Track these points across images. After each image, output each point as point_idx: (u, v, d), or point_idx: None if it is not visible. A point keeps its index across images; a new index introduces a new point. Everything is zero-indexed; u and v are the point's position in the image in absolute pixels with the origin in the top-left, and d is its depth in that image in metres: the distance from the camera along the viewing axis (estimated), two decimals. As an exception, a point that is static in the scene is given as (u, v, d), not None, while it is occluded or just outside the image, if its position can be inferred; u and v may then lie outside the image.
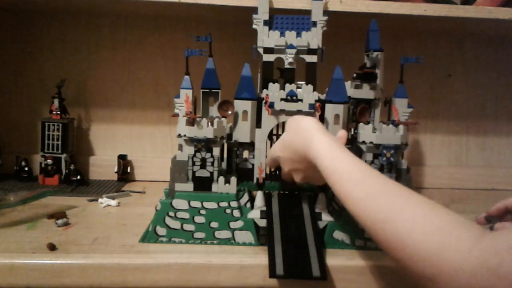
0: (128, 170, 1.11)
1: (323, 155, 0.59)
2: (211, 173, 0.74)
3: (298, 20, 0.80)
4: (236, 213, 0.72)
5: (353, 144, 0.80)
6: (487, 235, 0.40)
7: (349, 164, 0.56)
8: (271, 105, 0.76)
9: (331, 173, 0.56)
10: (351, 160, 0.57)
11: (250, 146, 0.79)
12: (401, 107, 0.80)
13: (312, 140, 0.61)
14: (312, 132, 0.63)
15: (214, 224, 0.71)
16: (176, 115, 0.76)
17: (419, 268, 0.43)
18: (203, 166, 0.74)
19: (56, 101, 1.05)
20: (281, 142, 0.69)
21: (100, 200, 0.91)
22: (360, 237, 0.72)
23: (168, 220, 0.71)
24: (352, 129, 0.80)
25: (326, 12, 0.82)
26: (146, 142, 1.15)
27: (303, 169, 0.67)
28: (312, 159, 0.60)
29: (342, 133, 0.70)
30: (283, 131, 0.81)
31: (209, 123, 0.73)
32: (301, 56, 0.78)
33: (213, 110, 0.80)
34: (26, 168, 1.05)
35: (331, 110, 0.76)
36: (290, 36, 0.77)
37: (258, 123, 0.78)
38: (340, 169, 0.56)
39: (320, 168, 0.59)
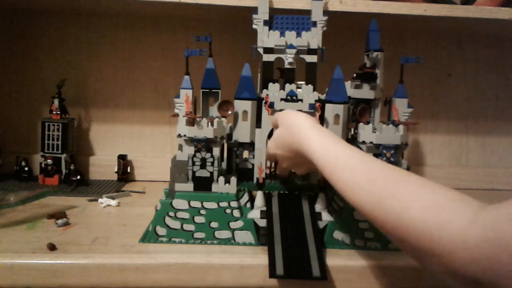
0: (128, 170, 1.12)
1: (315, 150, 0.59)
2: (211, 173, 0.74)
3: (298, 20, 0.80)
4: (236, 213, 0.72)
5: (353, 144, 0.80)
6: (487, 207, 0.39)
7: (343, 154, 0.56)
8: (271, 105, 0.76)
9: (326, 166, 0.56)
10: (344, 150, 0.57)
11: (250, 146, 0.79)
12: (401, 107, 0.80)
13: (304, 136, 0.62)
14: (302, 128, 0.63)
15: (214, 224, 0.71)
16: (176, 115, 0.76)
17: (420, 244, 0.42)
18: (203, 166, 0.74)
19: (56, 101, 1.05)
20: (275, 140, 0.69)
21: (100, 200, 0.91)
22: (360, 237, 0.72)
23: (168, 220, 0.71)
24: (352, 129, 0.80)
25: (326, 12, 0.82)
26: (146, 142, 1.15)
27: (302, 163, 0.67)
28: (307, 155, 0.60)
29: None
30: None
31: (209, 123, 0.73)
32: (301, 56, 0.78)
33: (213, 110, 0.80)
34: (26, 168, 1.05)
35: (331, 110, 0.76)
36: (290, 36, 0.77)
37: (258, 123, 0.78)
38: (334, 160, 0.56)
39: (315, 162, 0.59)
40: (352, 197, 0.52)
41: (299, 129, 0.63)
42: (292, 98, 0.76)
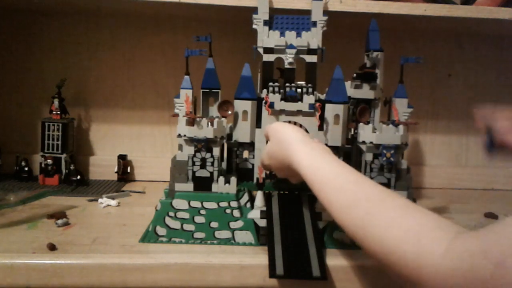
0: (128, 170, 1.11)
1: (304, 167, 0.59)
2: (211, 173, 0.74)
3: (298, 20, 0.80)
4: (236, 213, 0.72)
5: (353, 144, 0.80)
6: (462, 237, 0.40)
7: (330, 171, 0.56)
8: (271, 105, 0.76)
9: (314, 183, 0.57)
10: (331, 167, 0.57)
11: (250, 146, 0.79)
12: (401, 107, 0.80)
13: (293, 152, 0.61)
14: (292, 143, 0.63)
15: (214, 224, 0.71)
16: (176, 115, 0.76)
17: (399, 270, 0.44)
18: (203, 166, 0.74)
19: (56, 101, 1.05)
20: (267, 152, 0.69)
21: (100, 200, 0.91)
22: (360, 237, 0.71)
23: (168, 220, 0.71)
24: (352, 129, 0.80)
25: (326, 12, 0.82)
26: (146, 142, 1.15)
27: (295, 174, 0.67)
28: (297, 170, 0.61)
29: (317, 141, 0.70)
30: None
31: (209, 123, 0.73)
32: (301, 56, 0.78)
33: (213, 110, 0.80)
34: (26, 168, 1.05)
35: (331, 110, 0.76)
36: (290, 36, 0.77)
37: (258, 123, 0.78)
38: (320, 179, 0.56)
39: (304, 178, 0.59)
40: (336, 217, 0.53)
41: (289, 144, 0.63)
42: (292, 98, 0.76)
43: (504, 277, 0.34)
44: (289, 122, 0.79)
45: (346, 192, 0.52)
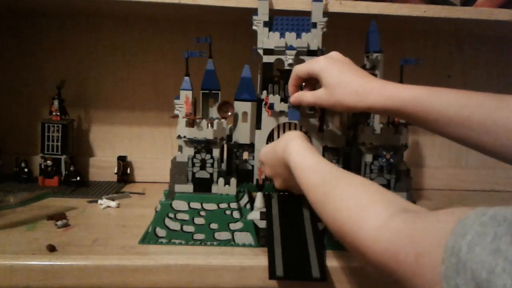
0: (128, 171, 1.11)
1: (293, 153, 0.64)
2: (211, 174, 0.74)
3: (298, 21, 0.81)
4: (236, 214, 0.72)
5: (353, 145, 0.80)
6: (399, 216, 0.41)
7: (312, 161, 0.62)
8: (271, 107, 0.76)
9: (297, 167, 0.62)
10: (315, 158, 0.62)
11: (250, 147, 0.79)
12: (401, 109, 0.80)
13: (290, 142, 0.67)
14: (291, 136, 0.69)
15: (214, 226, 0.71)
16: (176, 116, 0.76)
17: (349, 244, 0.47)
18: (203, 167, 0.74)
19: (56, 102, 1.05)
20: (268, 147, 0.74)
21: (100, 201, 0.91)
22: (360, 239, 0.71)
23: (167, 221, 0.71)
24: (352, 131, 0.80)
25: (326, 13, 0.82)
26: (146, 143, 1.15)
27: (282, 174, 0.71)
28: (286, 159, 0.65)
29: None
30: (284, 132, 0.81)
31: (209, 124, 0.73)
32: (301, 57, 0.78)
33: (213, 111, 0.80)
34: (26, 170, 1.05)
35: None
36: (290, 37, 0.77)
37: (258, 124, 0.78)
38: (303, 163, 0.62)
39: (290, 165, 0.64)
40: (308, 195, 0.58)
41: (289, 137, 0.69)
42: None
43: (423, 269, 0.35)
44: (289, 124, 0.79)
45: (317, 173, 0.58)
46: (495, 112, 0.55)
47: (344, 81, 0.65)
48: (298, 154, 0.64)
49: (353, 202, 0.48)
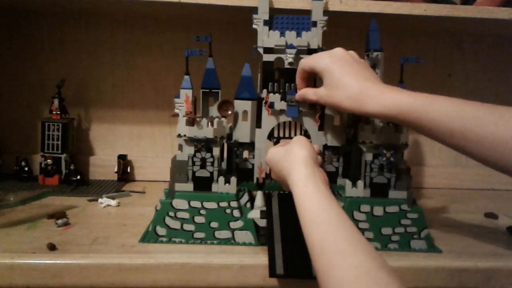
0: (128, 170, 1.12)
1: (296, 189, 0.59)
2: (211, 173, 0.74)
3: (298, 20, 0.80)
4: (236, 213, 0.72)
5: (353, 144, 0.80)
6: None
7: (317, 206, 0.55)
8: (271, 105, 0.76)
9: (299, 207, 0.57)
10: (319, 201, 0.56)
11: (250, 146, 0.79)
12: (401, 107, 0.80)
13: (293, 170, 0.62)
14: (296, 163, 0.62)
15: (214, 224, 0.71)
16: (176, 115, 0.76)
17: None
18: (203, 166, 0.74)
19: (56, 101, 1.05)
20: (273, 154, 0.70)
21: (100, 200, 0.91)
22: (360, 237, 0.71)
23: (168, 220, 0.71)
24: (352, 129, 0.80)
25: (326, 12, 0.82)
26: (146, 142, 1.15)
27: (287, 186, 0.67)
28: (290, 185, 0.61)
29: (317, 148, 0.71)
30: (284, 132, 0.81)
31: (209, 123, 0.73)
32: (301, 56, 0.78)
33: (213, 110, 0.80)
34: (26, 168, 1.05)
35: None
36: (290, 36, 0.77)
37: (258, 123, 0.78)
38: (306, 207, 0.56)
39: (293, 194, 0.59)
40: (309, 248, 0.53)
41: (293, 163, 0.63)
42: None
43: None
44: (290, 122, 0.79)
45: (318, 233, 0.52)
46: (492, 126, 0.55)
47: (343, 84, 0.64)
48: (301, 192, 0.58)
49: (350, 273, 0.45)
